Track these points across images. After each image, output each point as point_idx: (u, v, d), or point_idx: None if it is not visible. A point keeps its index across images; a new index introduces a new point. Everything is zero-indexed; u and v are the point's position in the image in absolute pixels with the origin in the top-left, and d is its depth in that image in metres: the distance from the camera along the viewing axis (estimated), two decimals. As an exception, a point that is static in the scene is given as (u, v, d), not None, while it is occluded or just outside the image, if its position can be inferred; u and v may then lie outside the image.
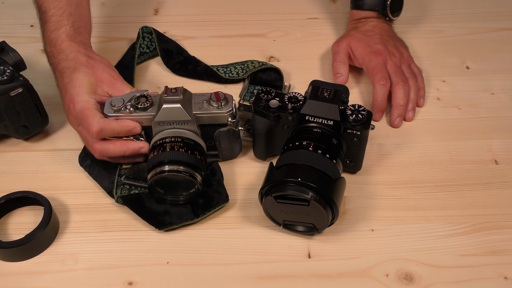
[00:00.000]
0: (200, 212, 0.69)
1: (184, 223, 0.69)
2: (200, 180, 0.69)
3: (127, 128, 0.70)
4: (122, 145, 0.71)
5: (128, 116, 0.70)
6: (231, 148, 0.75)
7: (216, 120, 0.71)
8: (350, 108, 0.69)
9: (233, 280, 0.65)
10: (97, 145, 0.71)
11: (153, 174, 0.67)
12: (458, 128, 0.82)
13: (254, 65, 0.87)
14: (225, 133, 0.72)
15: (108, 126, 0.69)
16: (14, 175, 0.75)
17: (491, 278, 0.64)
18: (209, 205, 0.70)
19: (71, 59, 0.74)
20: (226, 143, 0.74)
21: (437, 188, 0.74)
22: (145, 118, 0.70)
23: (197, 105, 0.70)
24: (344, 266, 0.66)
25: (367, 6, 0.91)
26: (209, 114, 0.70)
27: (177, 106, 0.68)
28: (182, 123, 0.69)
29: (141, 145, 0.71)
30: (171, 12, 1.03)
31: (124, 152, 0.71)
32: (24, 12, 1.02)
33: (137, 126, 0.70)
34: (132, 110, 0.70)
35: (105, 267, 0.66)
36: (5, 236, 0.69)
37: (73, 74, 0.72)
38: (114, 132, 0.69)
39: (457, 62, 0.93)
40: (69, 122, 0.74)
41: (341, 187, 0.65)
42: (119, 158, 0.73)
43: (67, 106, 0.72)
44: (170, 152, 0.68)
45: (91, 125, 0.68)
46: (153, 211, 0.69)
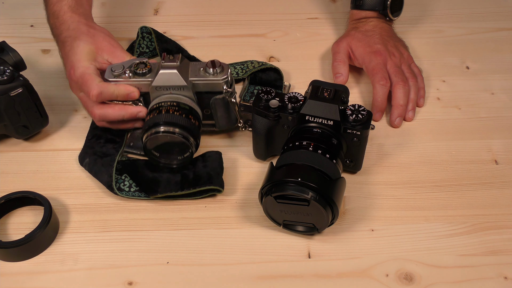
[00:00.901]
0: (186, 187, 0.71)
1: (168, 194, 0.70)
2: (194, 144, 0.71)
3: (125, 92, 0.73)
4: (120, 109, 0.74)
5: (127, 81, 0.73)
6: (227, 117, 0.76)
7: (212, 88, 0.73)
8: (350, 108, 0.69)
9: (233, 280, 0.65)
10: (97, 109, 0.74)
11: (148, 135, 0.69)
12: (458, 128, 0.82)
13: (254, 65, 0.87)
14: (220, 101, 0.74)
15: (107, 89, 0.72)
16: (14, 175, 0.75)
17: (491, 278, 0.64)
18: (198, 183, 0.71)
19: (73, 29, 0.77)
20: (222, 112, 0.75)
21: (437, 188, 0.74)
22: (143, 84, 0.73)
23: (194, 72, 0.72)
24: (344, 266, 0.66)
25: (367, 6, 0.91)
26: (204, 81, 0.72)
27: (174, 72, 0.71)
28: (178, 88, 0.72)
29: (139, 110, 0.74)
30: (171, 12, 1.03)
31: (123, 116, 0.74)
32: (24, 12, 1.02)
33: (135, 91, 0.73)
34: (131, 76, 0.73)
35: (105, 267, 0.66)
36: (5, 236, 0.69)
37: (74, 42, 0.76)
38: (113, 95, 0.72)
39: (457, 62, 0.93)
40: (71, 89, 0.77)
41: (341, 187, 0.65)
42: (118, 123, 0.76)
43: (68, 72, 0.75)
44: (166, 114, 0.70)
45: (90, 88, 0.71)
46: (144, 178, 0.72)
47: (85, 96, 0.74)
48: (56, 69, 0.90)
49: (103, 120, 0.75)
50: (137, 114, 0.74)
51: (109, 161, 0.73)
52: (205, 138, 0.80)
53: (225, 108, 0.75)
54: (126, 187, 0.72)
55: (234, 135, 0.81)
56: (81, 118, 0.83)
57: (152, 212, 0.71)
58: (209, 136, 0.80)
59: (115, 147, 0.76)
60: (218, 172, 0.73)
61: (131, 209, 0.71)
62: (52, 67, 0.91)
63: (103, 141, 0.77)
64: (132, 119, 0.75)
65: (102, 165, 0.73)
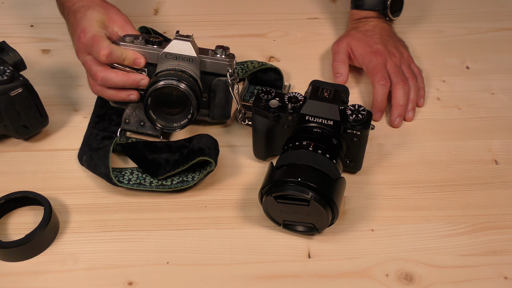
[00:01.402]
0: (181, 164, 0.71)
1: (167, 174, 0.71)
2: (196, 108, 0.72)
3: (133, 56, 0.74)
4: (124, 75, 0.75)
5: (137, 47, 0.75)
6: (223, 106, 0.78)
7: (217, 68, 0.75)
8: (350, 108, 0.69)
9: (233, 280, 0.65)
10: (101, 72, 0.74)
11: (153, 88, 0.71)
12: (458, 128, 0.82)
13: (254, 65, 0.87)
14: (222, 85, 0.76)
15: (116, 51, 0.73)
16: (14, 175, 0.75)
17: (491, 278, 0.64)
18: (190, 157, 0.71)
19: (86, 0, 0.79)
20: (220, 98, 0.77)
21: (437, 188, 0.74)
22: (153, 53, 0.75)
23: (203, 52, 0.76)
24: (344, 266, 0.66)
25: (367, 6, 0.91)
26: (211, 59, 0.75)
27: (187, 43, 0.73)
28: (188, 60, 0.74)
29: (142, 77, 0.75)
30: (171, 12, 1.03)
31: (125, 82, 0.75)
32: (24, 12, 1.02)
33: (142, 58, 0.75)
34: (143, 42, 0.75)
35: (105, 267, 0.66)
36: (5, 236, 0.69)
37: (87, 10, 0.77)
38: (121, 58, 0.74)
39: (457, 62, 0.93)
40: (78, 54, 0.78)
41: (341, 187, 0.65)
42: (117, 91, 0.76)
43: (78, 36, 0.75)
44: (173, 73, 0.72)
45: (101, 47, 0.72)
46: (145, 160, 0.73)
47: (91, 59, 0.75)
48: (56, 69, 0.90)
49: (105, 84, 0.75)
50: (139, 82, 0.75)
51: (104, 153, 0.73)
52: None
53: (224, 95, 0.76)
54: (125, 180, 0.72)
55: (234, 135, 0.81)
56: (81, 118, 0.83)
57: (152, 212, 0.71)
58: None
59: (111, 142, 0.76)
60: (211, 147, 0.73)
61: (131, 209, 0.71)
62: (52, 67, 0.91)
63: (99, 139, 0.77)
64: (133, 87, 0.76)
65: (98, 158, 0.73)
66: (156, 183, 0.72)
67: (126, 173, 0.73)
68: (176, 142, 0.75)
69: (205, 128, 0.81)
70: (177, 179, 0.72)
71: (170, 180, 0.72)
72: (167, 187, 0.72)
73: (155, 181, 0.72)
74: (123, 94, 0.76)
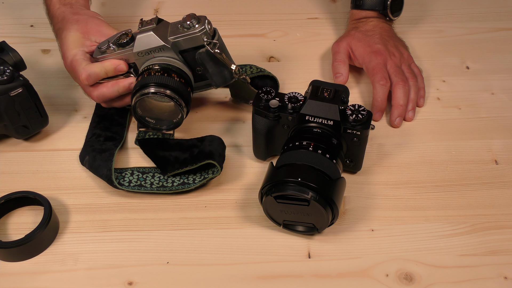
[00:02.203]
0: (189, 163, 0.71)
1: (175, 172, 0.71)
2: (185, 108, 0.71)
3: (112, 66, 0.73)
4: (113, 85, 0.74)
5: (113, 55, 0.73)
6: (219, 71, 0.74)
7: (193, 42, 0.71)
8: (350, 108, 0.69)
9: (233, 280, 0.65)
10: (93, 92, 0.74)
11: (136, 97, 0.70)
12: (458, 128, 0.82)
13: (252, 70, 0.86)
14: (205, 55, 0.72)
15: (93, 70, 0.72)
16: (14, 175, 0.75)
17: (491, 278, 0.64)
18: (199, 159, 0.71)
19: (61, 21, 0.79)
20: (212, 67, 0.73)
21: (437, 188, 0.74)
22: (128, 54, 0.72)
23: (173, 31, 0.71)
24: (344, 266, 0.66)
25: (367, 6, 0.91)
26: (183, 36, 0.70)
27: (150, 34, 0.70)
28: (159, 50, 0.71)
29: (130, 81, 0.74)
30: (171, 12, 1.03)
31: (118, 91, 0.74)
32: (24, 12, 1.02)
33: (122, 63, 0.73)
34: (115, 48, 0.73)
35: (105, 267, 0.66)
36: (5, 236, 0.69)
37: (63, 33, 0.77)
38: (101, 73, 0.73)
39: (457, 62, 0.93)
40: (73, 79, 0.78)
41: (341, 187, 0.65)
42: (117, 100, 0.76)
43: (64, 63, 0.77)
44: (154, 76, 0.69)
45: (78, 73, 0.73)
46: (156, 156, 0.74)
47: (80, 82, 0.75)
48: (56, 69, 0.90)
49: (102, 101, 0.76)
50: (129, 86, 0.74)
51: (108, 156, 0.73)
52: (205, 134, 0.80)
53: (214, 62, 0.73)
54: (126, 183, 0.72)
55: (234, 135, 0.81)
56: (81, 118, 0.83)
57: (152, 212, 0.71)
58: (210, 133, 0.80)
59: (115, 144, 0.76)
60: (220, 154, 0.73)
61: (131, 209, 0.71)
62: (52, 67, 0.91)
63: (102, 139, 0.77)
64: (127, 92, 0.75)
65: (101, 160, 0.73)
66: (157, 184, 0.72)
67: (127, 174, 0.73)
68: (188, 141, 0.75)
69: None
70: (178, 181, 0.72)
71: (171, 181, 0.72)
72: (168, 189, 0.72)
73: (156, 183, 0.72)
74: (127, 100, 0.76)
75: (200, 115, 0.83)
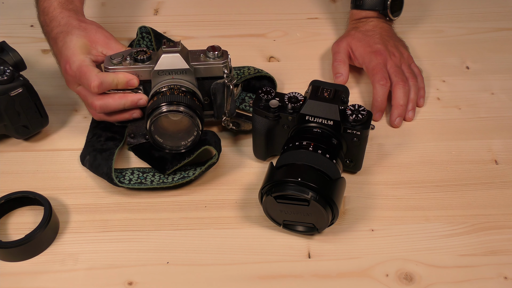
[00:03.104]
0: (187, 155, 0.72)
1: (175, 167, 0.72)
2: (200, 124, 0.70)
3: (125, 79, 0.72)
4: (121, 98, 0.73)
5: (127, 69, 0.73)
6: (226, 105, 0.76)
7: (212, 72, 0.73)
8: (350, 108, 0.69)
9: (233, 280, 0.65)
10: (97, 101, 0.73)
11: (152, 118, 0.69)
12: (458, 128, 0.82)
13: (249, 72, 0.86)
14: (221, 86, 0.74)
15: (107, 79, 0.71)
16: (14, 175, 0.75)
17: (491, 278, 0.64)
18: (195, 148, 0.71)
19: (63, 25, 0.77)
20: (221, 99, 0.75)
21: (437, 188, 0.74)
22: (144, 70, 0.73)
23: (194, 57, 0.73)
24: (344, 266, 0.66)
25: (367, 6, 0.91)
26: (205, 65, 0.73)
27: (177, 55, 0.71)
28: (181, 72, 0.72)
29: (140, 97, 0.73)
30: (171, 12, 1.03)
31: (124, 105, 0.73)
32: (24, 12, 1.02)
33: (135, 78, 0.73)
34: (131, 62, 0.73)
35: (105, 267, 0.66)
36: (5, 236, 0.69)
37: (67, 37, 0.75)
38: (113, 84, 0.72)
39: (457, 62, 0.93)
40: (68, 85, 0.76)
41: (341, 187, 0.65)
42: (118, 114, 0.75)
43: (64, 67, 0.74)
44: (170, 96, 0.70)
45: (90, 79, 0.70)
46: (152, 157, 0.74)
47: (84, 89, 0.74)
48: (56, 69, 0.90)
49: (104, 111, 0.74)
50: (138, 102, 0.73)
51: (108, 155, 0.73)
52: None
53: (225, 95, 0.75)
54: (126, 181, 0.72)
55: (234, 135, 0.81)
56: (81, 118, 0.83)
57: (152, 212, 0.71)
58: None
59: (115, 144, 0.76)
60: (215, 141, 0.73)
61: (131, 209, 0.71)
62: (52, 67, 0.91)
63: (103, 139, 0.77)
64: (132, 107, 0.74)
65: (102, 158, 0.73)
66: (157, 180, 0.72)
67: (127, 173, 0.73)
68: None
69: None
70: (178, 176, 0.73)
71: (172, 177, 0.72)
72: (168, 183, 0.72)
73: (156, 179, 0.72)
74: (126, 115, 0.75)
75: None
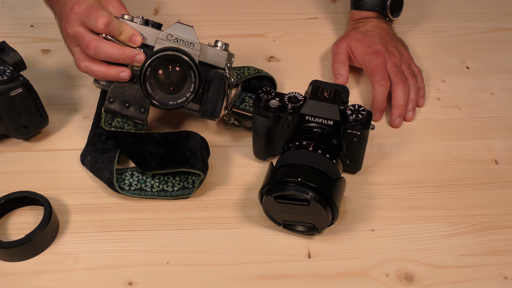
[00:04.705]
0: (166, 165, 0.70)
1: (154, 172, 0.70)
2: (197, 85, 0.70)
3: (130, 31, 0.71)
4: (119, 47, 0.70)
5: (136, 27, 0.72)
6: (215, 101, 0.74)
7: (215, 60, 0.73)
8: (350, 108, 0.69)
9: (233, 280, 0.65)
10: (95, 41, 0.69)
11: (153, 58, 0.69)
12: (458, 128, 0.82)
13: (249, 72, 0.86)
14: (218, 78, 0.73)
15: (115, 22, 0.70)
16: (14, 175, 0.75)
17: (491, 278, 0.64)
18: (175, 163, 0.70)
19: None
20: (214, 91, 0.74)
21: (437, 188, 0.74)
22: (152, 33, 0.72)
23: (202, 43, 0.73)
24: (344, 266, 0.66)
25: (367, 7, 0.91)
26: (212, 50, 0.73)
27: (190, 28, 0.71)
28: (189, 43, 0.71)
29: (138, 52, 0.71)
30: (171, 12, 1.03)
31: (120, 55, 0.70)
32: (24, 12, 1.02)
33: (139, 35, 0.71)
34: (142, 22, 0.72)
35: (105, 267, 0.66)
36: (5, 236, 0.69)
37: None
38: (118, 30, 0.70)
39: (457, 62, 0.93)
40: (67, 26, 0.72)
41: (341, 187, 0.65)
42: (106, 67, 0.72)
43: (71, 7, 0.70)
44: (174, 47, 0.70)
45: (100, 15, 0.68)
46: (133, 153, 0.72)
47: (84, 29, 0.70)
48: (56, 69, 0.90)
49: (97, 54, 0.70)
50: (135, 57, 0.71)
51: (110, 158, 0.73)
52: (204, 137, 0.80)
53: (218, 89, 0.74)
54: (127, 186, 0.72)
55: (234, 134, 0.81)
56: (81, 118, 0.83)
57: (152, 212, 0.71)
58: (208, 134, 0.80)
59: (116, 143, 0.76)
60: (196, 155, 0.71)
61: (131, 209, 0.71)
62: (52, 67, 0.91)
63: (104, 138, 0.76)
64: (126, 62, 0.71)
65: (103, 162, 0.73)
66: (157, 188, 0.72)
67: (127, 176, 0.73)
68: (162, 135, 0.73)
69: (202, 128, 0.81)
70: (178, 185, 0.72)
71: (172, 185, 0.72)
72: (169, 194, 0.72)
73: (156, 185, 0.72)
74: (114, 71, 0.72)
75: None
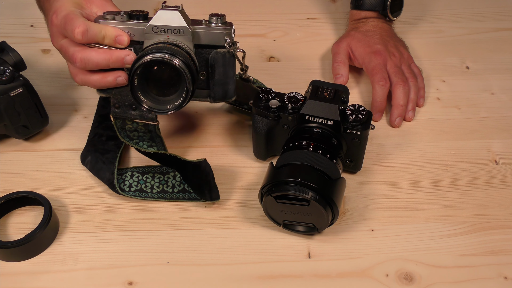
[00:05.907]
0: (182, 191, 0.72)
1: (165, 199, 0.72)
2: (191, 83, 0.63)
3: (114, 33, 0.65)
4: (105, 52, 0.66)
5: (119, 24, 0.66)
6: (224, 83, 0.69)
7: (213, 40, 0.66)
8: (350, 108, 0.69)
9: (233, 280, 0.65)
10: (78, 53, 0.65)
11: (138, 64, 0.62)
12: (458, 128, 0.82)
13: None
14: (221, 57, 0.67)
15: (93, 27, 0.64)
16: (14, 175, 0.75)
17: (491, 278, 0.64)
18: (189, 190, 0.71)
19: None
20: (220, 73, 0.68)
21: (437, 188, 0.74)
22: (138, 28, 0.65)
23: (195, 22, 0.67)
24: (344, 266, 0.66)
25: (367, 6, 0.91)
26: (205, 29, 0.66)
27: (175, 13, 0.64)
28: (177, 31, 0.65)
29: (127, 53, 0.66)
30: (171, 12, 1.03)
31: (108, 61, 0.66)
32: (24, 12, 1.02)
33: (125, 34, 0.66)
34: (125, 18, 0.66)
35: (105, 267, 0.66)
36: (5, 236, 0.69)
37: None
38: (100, 35, 0.65)
39: (457, 62, 0.93)
40: (52, 40, 0.69)
41: (341, 187, 0.65)
42: (102, 75, 0.68)
43: (50, 19, 0.68)
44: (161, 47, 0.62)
45: (75, 25, 0.64)
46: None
47: (68, 41, 0.67)
48: (56, 69, 0.90)
49: (86, 66, 0.66)
50: (124, 59, 0.66)
51: (111, 158, 0.73)
52: (204, 136, 0.80)
53: (224, 70, 0.68)
54: (127, 187, 0.72)
55: (234, 134, 0.81)
56: (81, 118, 0.83)
57: (152, 212, 0.71)
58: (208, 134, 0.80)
59: (117, 144, 0.76)
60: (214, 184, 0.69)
61: (131, 209, 0.71)
62: (52, 67, 0.91)
63: (104, 139, 0.76)
64: (117, 66, 0.67)
65: (104, 162, 0.73)
66: (157, 188, 0.72)
67: (127, 177, 0.73)
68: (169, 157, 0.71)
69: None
70: (178, 187, 0.72)
71: (172, 186, 0.72)
72: (169, 195, 0.72)
73: (156, 186, 0.72)
74: (110, 77, 0.68)
75: (199, 115, 0.83)
